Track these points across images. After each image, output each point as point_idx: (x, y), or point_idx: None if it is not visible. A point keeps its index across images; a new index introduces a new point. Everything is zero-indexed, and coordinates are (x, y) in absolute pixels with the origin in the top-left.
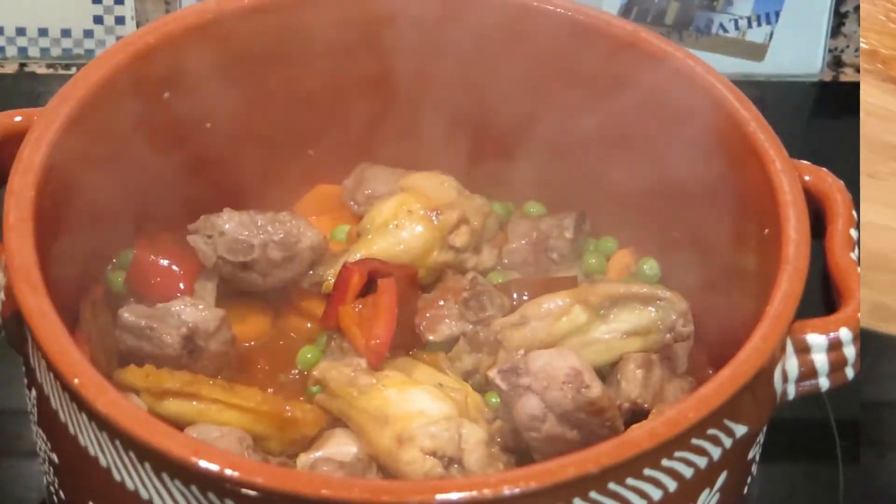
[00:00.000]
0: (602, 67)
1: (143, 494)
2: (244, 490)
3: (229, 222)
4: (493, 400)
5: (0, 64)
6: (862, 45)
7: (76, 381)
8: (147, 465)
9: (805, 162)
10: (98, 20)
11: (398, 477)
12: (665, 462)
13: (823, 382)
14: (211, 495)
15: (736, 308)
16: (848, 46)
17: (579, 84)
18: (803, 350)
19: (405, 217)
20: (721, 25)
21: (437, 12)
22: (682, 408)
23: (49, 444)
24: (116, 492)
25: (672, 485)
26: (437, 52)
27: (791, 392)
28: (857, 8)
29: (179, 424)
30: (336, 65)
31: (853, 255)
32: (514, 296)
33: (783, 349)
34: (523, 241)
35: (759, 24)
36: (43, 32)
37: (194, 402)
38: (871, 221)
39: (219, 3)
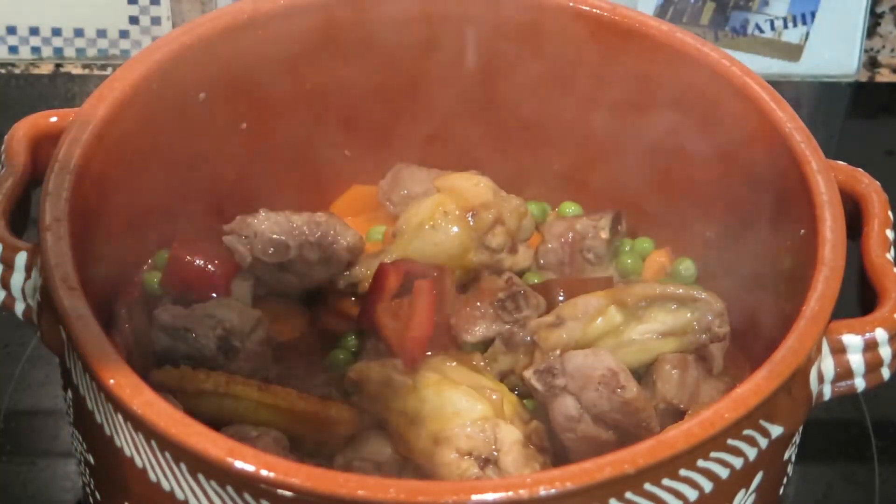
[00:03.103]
0: (638, 68)
1: (179, 495)
2: (280, 491)
3: (265, 223)
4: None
5: (36, 64)
6: None
7: (112, 381)
8: (183, 466)
9: (841, 162)
10: (134, 21)
11: (434, 477)
12: (701, 463)
13: (859, 383)
14: (247, 496)
15: (772, 308)
16: (884, 47)
17: (615, 84)
18: (839, 350)
19: (441, 218)
20: (757, 26)
21: (471, 12)
22: (717, 408)
23: (85, 444)
24: (152, 492)
25: (708, 485)
26: (473, 53)
27: (827, 392)
28: (893, 8)
29: (215, 425)
30: (372, 65)
31: (889, 256)
32: (550, 296)
33: (819, 350)
34: (559, 242)
35: (795, 25)
36: (79, 33)
37: (230, 403)
38: None
39: (255, 4)
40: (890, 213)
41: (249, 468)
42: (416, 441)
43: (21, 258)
